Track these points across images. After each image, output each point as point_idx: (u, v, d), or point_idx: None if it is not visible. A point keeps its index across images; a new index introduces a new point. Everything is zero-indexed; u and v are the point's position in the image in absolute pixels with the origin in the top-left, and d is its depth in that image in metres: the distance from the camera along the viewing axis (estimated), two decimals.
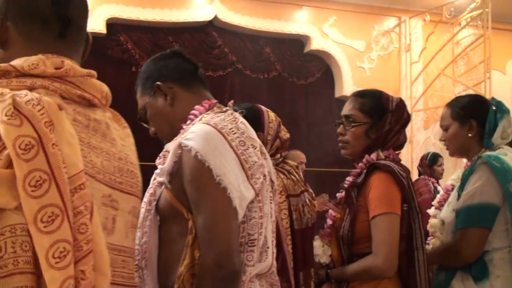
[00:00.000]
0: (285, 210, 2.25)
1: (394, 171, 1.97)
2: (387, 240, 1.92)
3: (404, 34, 7.15)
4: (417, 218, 2.01)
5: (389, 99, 2.12)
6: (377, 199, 1.96)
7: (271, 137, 2.35)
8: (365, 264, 1.96)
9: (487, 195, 2.14)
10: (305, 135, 6.73)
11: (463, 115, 2.32)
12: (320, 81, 6.95)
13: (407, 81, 7.08)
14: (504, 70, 7.74)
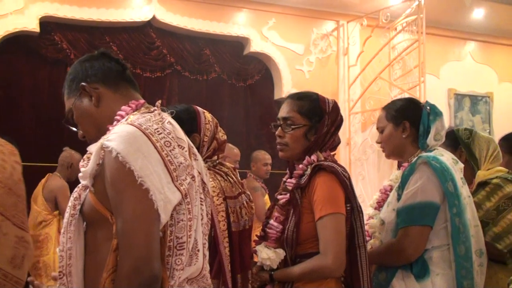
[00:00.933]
0: (222, 213, 2.25)
1: (338, 172, 2.04)
2: (335, 240, 1.97)
3: (342, 38, 7.32)
4: (358, 217, 2.08)
5: (325, 101, 2.17)
6: (323, 200, 2.00)
7: (207, 138, 2.36)
8: (314, 264, 1.99)
9: (428, 194, 2.24)
10: (245, 137, 6.81)
11: (397, 116, 2.42)
12: (260, 83, 7.04)
13: (345, 84, 7.25)
14: (438, 74, 8.07)
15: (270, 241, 2.09)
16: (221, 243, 2.21)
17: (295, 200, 2.06)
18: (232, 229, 2.28)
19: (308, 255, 2.02)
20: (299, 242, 2.03)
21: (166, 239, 1.40)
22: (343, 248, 2.00)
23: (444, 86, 8.10)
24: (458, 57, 8.36)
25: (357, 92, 7.24)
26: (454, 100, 8.16)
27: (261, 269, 2.13)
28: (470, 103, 8.35)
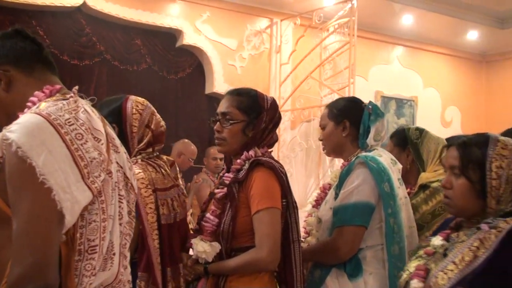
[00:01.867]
0: (151, 204, 2.22)
1: (275, 167, 2.09)
2: (271, 234, 2.02)
3: (275, 36, 7.42)
4: (293, 213, 2.15)
5: (264, 98, 2.22)
6: (260, 194, 2.05)
7: (136, 129, 2.30)
8: (249, 257, 2.03)
9: (364, 194, 2.28)
10: (174, 130, 6.80)
11: (338, 115, 2.47)
12: (191, 76, 7.04)
13: (276, 82, 7.36)
14: (367, 77, 8.37)
15: (206, 235, 2.11)
16: (149, 235, 2.18)
17: (232, 194, 2.09)
18: (162, 221, 2.26)
19: (244, 248, 2.06)
20: (234, 236, 2.07)
21: (76, 243, 1.28)
22: (278, 242, 2.05)
23: (372, 88, 8.41)
24: (386, 60, 8.71)
25: (288, 90, 7.36)
26: (381, 103, 8.49)
27: (196, 262, 2.15)
28: (396, 106, 8.71)
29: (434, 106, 9.24)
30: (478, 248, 1.58)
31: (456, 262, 1.61)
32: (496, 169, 1.65)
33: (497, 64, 9.75)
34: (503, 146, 1.69)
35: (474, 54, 9.69)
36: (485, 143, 1.70)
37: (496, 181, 1.65)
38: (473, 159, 1.69)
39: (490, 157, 1.67)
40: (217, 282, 2.09)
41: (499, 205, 1.66)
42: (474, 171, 1.68)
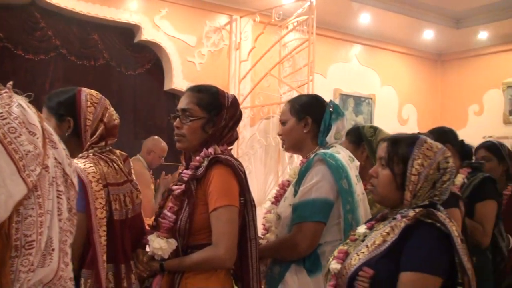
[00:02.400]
0: (101, 199, 2.15)
1: (234, 165, 2.11)
2: (228, 232, 2.04)
3: (235, 33, 7.45)
4: (251, 211, 2.17)
5: (225, 96, 2.23)
6: (218, 192, 2.06)
7: (90, 122, 2.24)
8: (206, 255, 2.05)
9: (323, 191, 2.32)
10: (132, 127, 6.79)
11: (301, 111, 2.50)
12: (150, 72, 7.02)
13: (235, 79, 7.40)
14: (325, 74, 8.49)
15: (162, 231, 2.11)
16: (95, 231, 2.10)
17: (190, 191, 2.10)
18: (114, 217, 2.20)
19: (200, 246, 2.08)
20: (191, 233, 2.08)
21: (11, 239, 1.22)
22: (235, 240, 2.07)
23: (330, 86, 8.54)
24: (345, 58, 8.86)
25: (247, 87, 7.42)
26: (339, 100, 8.63)
27: (151, 258, 2.15)
28: (354, 104, 8.87)
29: (391, 104, 9.45)
30: (388, 234, 1.79)
31: (368, 246, 1.83)
32: (418, 166, 1.82)
33: (452, 63, 10.04)
34: (428, 147, 1.86)
35: (430, 53, 9.95)
36: (413, 142, 1.88)
37: (416, 177, 1.82)
38: (399, 154, 1.87)
39: (414, 155, 1.84)
40: (173, 279, 2.09)
41: (414, 199, 1.83)
42: (398, 165, 1.86)
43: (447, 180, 1.86)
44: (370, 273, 1.76)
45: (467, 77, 9.78)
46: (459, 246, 1.71)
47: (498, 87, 9.32)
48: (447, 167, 1.86)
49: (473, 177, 3.24)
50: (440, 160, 1.85)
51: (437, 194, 1.85)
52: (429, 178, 1.82)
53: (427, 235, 1.75)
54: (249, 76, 7.43)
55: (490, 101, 9.44)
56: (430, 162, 1.83)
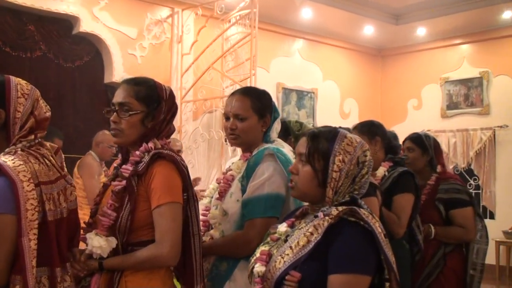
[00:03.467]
0: (33, 200, 1.97)
1: (177, 160, 2.07)
2: (172, 229, 1.99)
3: (177, 25, 7.47)
4: (193, 206, 2.13)
5: (163, 88, 2.18)
6: (161, 188, 2.01)
7: (20, 114, 2.08)
8: (149, 253, 2.00)
9: (275, 185, 2.30)
10: (72, 120, 6.71)
11: (264, 109, 2.47)
12: (89, 65, 6.96)
13: (178, 72, 7.43)
14: (268, 68, 8.63)
15: (101, 229, 2.04)
16: (24, 235, 1.92)
17: (131, 188, 2.04)
18: (48, 218, 2.03)
19: (142, 243, 2.04)
20: (132, 230, 2.03)
21: None
22: (179, 238, 2.04)
23: (273, 80, 8.69)
24: (287, 53, 9.02)
25: (189, 80, 7.45)
26: (282, 94, 8.80)
27: (89, 257, 2.06)
28: (296, 98, 9.05)
29: (333, 98, 9.69)
30: (312, 234, 1.75)
31: (292, 247, 1.77)
32: (339, 162, 1.81)
33: (392, 58, 10.38)
34: (348, 142, 1.84)
35: (371, 48, 10.25)
36: (334, 137, 1.85)
37: (337, 173, 1.80)
38: (319, 150, 1.84)
39: (335, 151, 1.82)
40: (112, 278, 2.03)
41: (336, 195, 1.81)
42: (318, 161, 1.83)
43: (366, 173, 1.86)
44: (297, 276, 1.72)
45: (406, 72, 10.13)
46: (383, 243, 1.71)
47: (436, 82, 9.71)
48: (365, 160, 1.86)
49: (393, 171, 3.37)
50: (359, 154, 1.85)
51: (357, 188, 1.85)
52: (350, 173, 1.82)
53: (352, 235, 1.72)
54: (192, 69, 7.46)
55: (429, 96, 9.83)
56: (351, 158, 1.82)
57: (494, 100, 9.04)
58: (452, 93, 9.53)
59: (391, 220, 3.20)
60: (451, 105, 9.52)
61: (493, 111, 9.02)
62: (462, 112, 9.38)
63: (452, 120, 9.46)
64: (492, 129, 8.90)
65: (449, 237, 3.57)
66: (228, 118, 2.49)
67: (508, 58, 8.89)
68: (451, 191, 3.61)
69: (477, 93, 9.21)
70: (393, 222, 3.21)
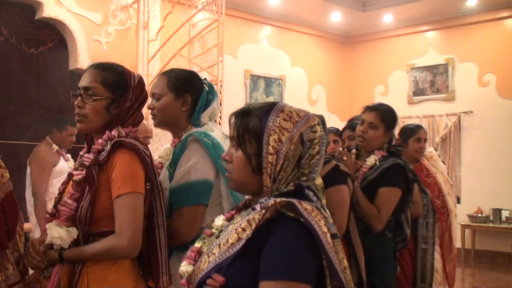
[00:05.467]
0: None
1: (139, 149, 2.02)
2: (132, 220, 1.96)
3: (143, 11, 7.43)
4: (158, 196, 2.10)
5: (131, 75, 2.15)
6: (122, 178, 1.98)
7: None
8: (108, 244, 1.97)
9: (202, 172, 2.25)
10: (36, 107, 6.66)
11: (181, 88, 2.38)
12: (53, 51, 6.91)
13: (144, 59, 7.40)
14: (236, 55, 8.69)
15: (62, 219, 2.01)
16: None
17: (92, 177, 2.01)
18: None
19: (103, 233, 2.01)
20: (93, 221, 2.00)
21: None
22: (140, 229, 2.01)
23: (241, 67, 8.77)
24: (255, 39, 9.08)
25: (156, 67, 7.43)
26: (250, 81, 8.87)
27: (49, 247, 2.04)
28: (264, 85, 9.12)
29: (301, 85, 9.80)
30: (244, 230, 1.45)
31: (220, 245, 1.49)
32: (274, 142, 1.49)
33: (359, 45, 10.53)
34: (286, 117, 1.52)
35: (338, 35, 10.37)
36: (267, 113, 1.53)
37: (273, 156, 1.48)
38: (250, 129, 1.53)
39: (268, 129, 1.50)
40: (74, 268, 2.01)
41: (276, 183, 1.50)
42: (250, 143, 1.52)
43: (317, 153, 1.53)
44: (219, 281, 1.41)
45: (373, 59, 10.30)
46: (327, 245, 1.39)
47: (402, 68, 9.90)
48: (315, 138, 1.53)
49: (384, 161, 3.22)
50: (304, 130, 1.51)
51: (306, 173, 1.53)
52: (290, 155, 1.49)
53: (288, 234, 1.40)
54: (158, 56, 7.45)
55: (395, 82, 10.02)
56: (290, 136, 1.49)
57: (459, 87, 9.26)
58: (418, 79, 9.73)
59: (371, 213, 3.14)
60: (417, 92, 9.72)
61: (458, 97, 9.25)
62: (428, 99, 9.59)
63: (419, 106, 9.67)
64: (457, 115, 9.14)
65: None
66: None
67: (473, 45, 9.12)
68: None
69: (443, 79, 9.42)
70: (372, 216, 3.14)
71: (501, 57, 8.82)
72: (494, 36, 8.94)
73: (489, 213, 8.62)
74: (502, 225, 8.45)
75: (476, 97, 9.02)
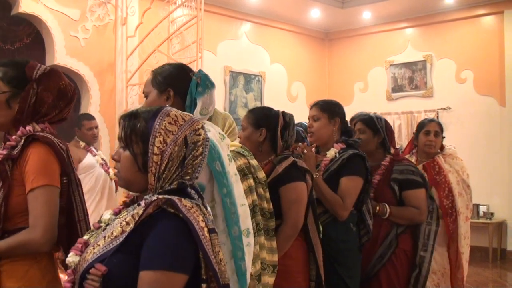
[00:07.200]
0: None
1: (53, 142, 2.00)
2: (46, 213, 1.93)
3: (121, 7, 7.39)
4: (77, 191, 2.09)
5: (34, 68, 2.09)
6: (35, 171, 1.95)
7: None
8: (22, 238, 1.94)
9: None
10: None
11: (163, 82, 2.30)
12: (30, 47, 6.80)
13: (122, 55, 7.36)
14: (215, 51, 8.67)
15: None
16: None
17: (5, 173, 1.98)
18: None
19: (19, 230, 1.97)
20: (8, 217, 1.98)
21: None
22: (54, 223, 1.97)
23: (220, 63, 8.75)
24: (235, 36, 9.07)
25: (135, 63, 7.40)
26: (230, 78, 8.86)
27: None
28: (244, 81, 9.12)
29: (281, 82, 9.82)
30: (128, 224, 1.57)
31: (105, 237, 1.60)
32: (159, 144, 1.60)
33: (339, 41, 10.58)
34: (171, 121, 1.63)
35: (317, 31, 10.41)
36: (154, 116, 1.64)
37: (158, 156, 1.59)
38: (137, 131, 1.64)
39: (154, 131, 1.61)
40: None
41: (160, 182, 1.61)
42: (137, 144, 1.63)
43: (200, 154, 1.67)
44: (101, 270, 1.50)
45: (352, 55, 10.35)
46: (204, 239, 1.51)
47: (381, 65, 9.97)
48: (198, 140, 1.66)
49: (343, 153, 3.31)
50: (188, 133, 1.65)
51: (189, 173, 1.66)
52: (174, 156, 1.61)
53: (167, 228, 1.52)
54: (137, 52, 7.40)
55: (374, 79, 10.09)
56: (174, 138, 1.61)
57: (438, 83, 9.36)
58: (397, 76, 9.81)
59: (335, 202, 3.20)
60: (396, 88, 9.80)
61: (437, 94, 9.35)
62: (407, 95, 9.67)
63: (397, 102, 9.74)
64: (436, 111, 9.22)
65: (403, 217, 3.58)
66: None
67: (451, 42, 9.21)
68: (406, 172, 3.62)
69: (421, 76, 9.51)
70: (336, 204, 3.20)
71: (478, 54, 8.92)
72: (471, 33, 9.04)
73: None
74: (479, 220, 8.57)
75: (454, 94, 9.12)
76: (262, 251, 2.64)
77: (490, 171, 8.66)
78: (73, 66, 6.84)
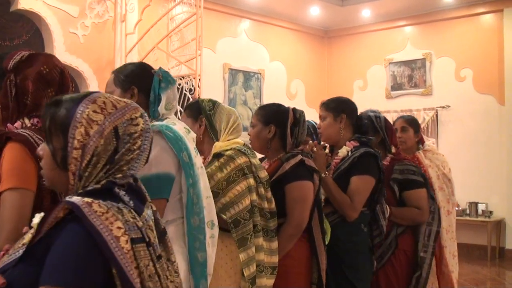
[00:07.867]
0: None
1: (28, 141, 1.85)
2: (14, 218, 1.76)
3: (120, 4, 7.39)
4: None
5: (11, 58, 1.97)
6: (7, 172, 1.81)
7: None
8: None
9: (163, 165, 2.15)
10: None
11: (125, 81, 2.30)
12: (29, 44, 6.80)
13: (122, 52, 7.35)
14: (214, 49, 8.66)
15: None
16: None
17: None
18: None
19: None
20: None
21: None
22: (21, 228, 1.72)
23: (219, 61, 8.75)
24: (234, 33, 9.06)
25: (134, 60, 7.28)
26: (229, 75, 8.85)
27: None
28: (243, 79, 9.11)
29: (280, 79, 9.81)
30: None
31: (17, 245, 1.37)
32: (80, 136, 1.35)
33: (338, 39, 10.57)
34: (96, 109, 1.39)
35: (317, 29, 10.40)
36: (77, 103, 1.39)
37: (78, 151, 1.35)
38: (56, 121, 1.39)
39: (75, 121, 1.36)
40: None
41: (81, 181, 1.37)
42: (57, 137, 1.39)
43: (138, 148, 1.43)
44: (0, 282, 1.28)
45: (352, 53, 10.35)
46: (118, 251, 1.26)
47: (380, 63, 9.96)
48: (135, 131, 1.42)
49: (355, 151, 3.20)
50: (119, 123, 1.40)
51: (123, 170, 1.41)
52: (100, 150, 1.36)
53: (71, 236, 1.27)
54: (136, 49, 7.40)
55: (374, 77, 10.09)
56: (100, 129, 1.36)
57: (437, 81, 9.36)
58: (396, 74, 9.81)
59: (343, 202, 3.11)
60: (395, 86, 9.80)
61: (436, 92, 9.35)
62: (406, 93, 9.67)
63: (396, 100, 9.74)
64: (435, 109, 9.23)
65: (404, 217, 3.53)
66: None
67: (450, 40, 9.21)
68: (406, 172, 3.56)
69: (420, 74, 9.51)
70: (345, 204, 3.11)
71: (478, 53, 8.92)
72: (471, 32, 9.04)
73: (466, 206, 8.74)
74: (478, 218, 8.58)
75: (453, 92, 9.12)
76: (259, 252, 2.62)
77: (489, 170, 8.67)
78: (72, 63, 6.83)
